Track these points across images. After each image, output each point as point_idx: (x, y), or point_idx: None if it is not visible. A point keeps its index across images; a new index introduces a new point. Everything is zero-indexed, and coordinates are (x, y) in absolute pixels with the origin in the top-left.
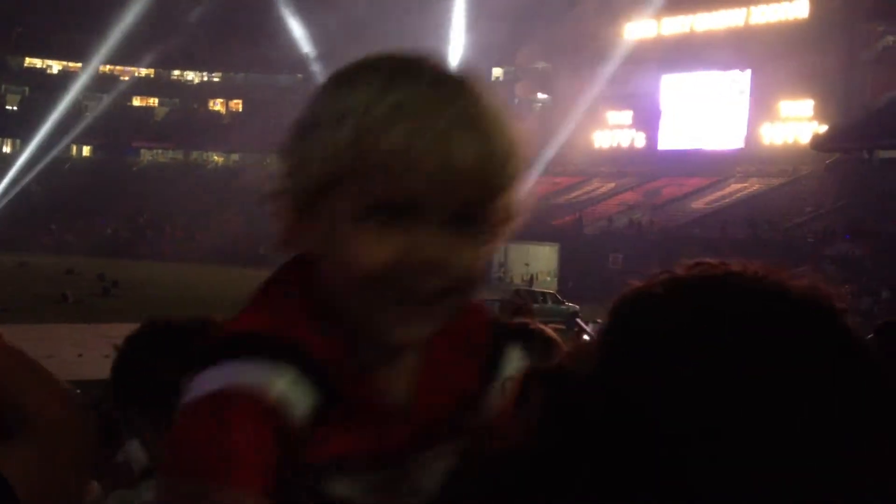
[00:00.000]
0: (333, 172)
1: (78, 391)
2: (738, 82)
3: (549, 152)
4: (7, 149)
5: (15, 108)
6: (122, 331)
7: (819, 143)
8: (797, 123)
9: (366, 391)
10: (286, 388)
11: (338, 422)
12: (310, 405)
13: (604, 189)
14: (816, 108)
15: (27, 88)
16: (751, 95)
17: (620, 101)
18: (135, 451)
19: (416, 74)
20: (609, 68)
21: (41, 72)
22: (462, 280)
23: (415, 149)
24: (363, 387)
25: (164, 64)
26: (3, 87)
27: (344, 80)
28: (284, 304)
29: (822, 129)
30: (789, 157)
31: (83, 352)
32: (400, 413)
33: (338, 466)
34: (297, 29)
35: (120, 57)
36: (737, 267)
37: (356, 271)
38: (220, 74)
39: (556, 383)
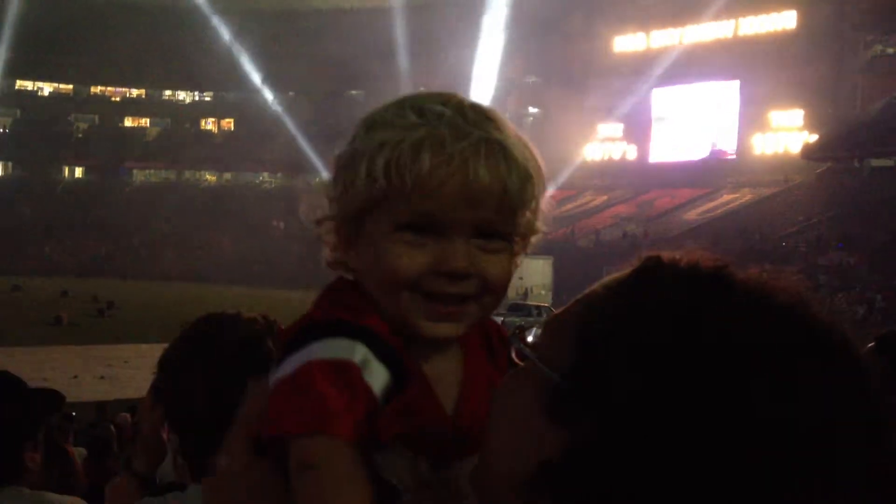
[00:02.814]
0: (373, 195)
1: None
2: (727, 93)
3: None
4: None
5: (6, 130)
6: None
7: (810, 153)
8: (787, 133)
9: (422, 384)
10: (366, 360)
11: (399, 407)
12: (385, 379)
13: (596, 202)
14: (806, 117)
15: (18, 111)
16: (741, 106)
17: (611, 114)
18: (163, 466)
19: (439, 113)
20: (599, 81)
21: (32, 94)
22: (485, 287)
23: (438, 174)
24: (420, 378)
25: (155, 84)
26: None
27: (379, 120)
28: (349, 300)
29: (813, 138)
30: (780, 167)
31: (78, 373)
32: (447, 418)
33: (393, 450)
34: (286, 47)
35: (111, 78)
36: (687, 258)
37: (393, 279)
38: (211, 94)
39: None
